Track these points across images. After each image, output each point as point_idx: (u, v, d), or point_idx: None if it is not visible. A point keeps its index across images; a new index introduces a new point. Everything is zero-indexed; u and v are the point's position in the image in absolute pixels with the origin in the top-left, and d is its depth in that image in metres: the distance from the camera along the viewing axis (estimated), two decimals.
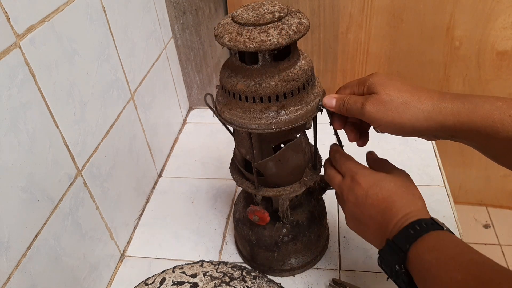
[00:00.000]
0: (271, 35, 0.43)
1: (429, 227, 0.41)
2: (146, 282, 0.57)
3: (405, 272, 0.41)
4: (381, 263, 0.45)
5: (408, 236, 0.41)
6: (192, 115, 1.02)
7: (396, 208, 0.44)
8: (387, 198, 0.45)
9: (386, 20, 1.02)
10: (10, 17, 0.44)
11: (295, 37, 0.44)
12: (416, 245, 0.40)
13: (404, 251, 0.41)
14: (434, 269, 0.38)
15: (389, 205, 0.45)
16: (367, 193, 0.46)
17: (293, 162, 0.54)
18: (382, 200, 0.45)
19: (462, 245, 0.39)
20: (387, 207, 0.45)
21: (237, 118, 0.48)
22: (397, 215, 0.44)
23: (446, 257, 0.38)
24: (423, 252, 0.39)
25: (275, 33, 0.43)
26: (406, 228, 0.42)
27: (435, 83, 1.11)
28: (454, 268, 0.36)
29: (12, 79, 0.44)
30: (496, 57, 1.03)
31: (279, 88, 0.46)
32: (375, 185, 0.46)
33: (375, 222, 0.46)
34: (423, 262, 0.39)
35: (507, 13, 0.96)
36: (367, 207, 0.46)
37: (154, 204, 0.80)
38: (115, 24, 0.65)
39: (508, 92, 1.09)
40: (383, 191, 0.45)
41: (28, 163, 0.47)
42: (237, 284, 0.56)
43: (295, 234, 0.61)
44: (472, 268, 0.36)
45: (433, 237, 0.40)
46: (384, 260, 0.44)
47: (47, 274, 0.51)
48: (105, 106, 0.63)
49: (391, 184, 0.46)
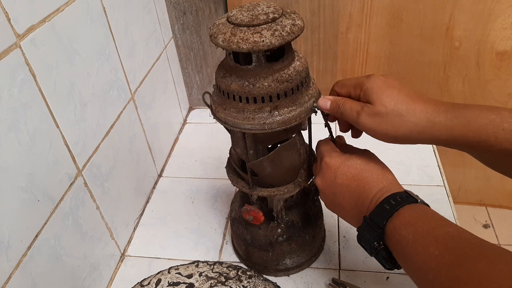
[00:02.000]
0: (264, 36, 0.43)
1: (404, 200, 0.41)
2: (142, 283, 0.57)
3: (384, 248, 0.42)
4: (360, 241, 0.45)
5: (384, 212, 0.41)
6: (192, 115, 1.02)
7: (369, 184, 0.45)
8: (356, 175, 0.46)
9: (385, 20, 1.02)
10: (11, 17, 0.44)
11: (288, 38, 0.44)
12: (392, 220, 0.40)
13: (381, 227, 0.41)
14: (411, 245, 0.38)
15: (360, 182, 0.45)
16: (335, 174, 0.47)
17: (288, 163, 0.54)
18: (352, 179, 0.46)
19: (437, 218, 0.39)
20: (358, 185, 0.45)
21: (231, 118, 0.48)
22: (371, 191, 0.44)
23: (422, 232, 0.38)
24: (399, 227, 0.39)
25: (268, 34, 0.43)
26: (381, 204, 0.42)
27: (435, 83, 1.11)
28: (430, 243, 0.36)
29: (13, 79, 0.44)
30: (496, 57, 1.03)
31: (272, 88, 0.46)
32: (343, 164, 0.47)
33: (350, 201, 0.46)
34: (400, 238, 0.39)
35: (507, 13, 0.96)
36: (338, 187, 0.47)
37: (154, 204, 0.80)
38: (115, 24, 0.65)
39: (508, 92, 1.09)
40: (351, 169, 0.46)
41: (29, 163, 0.47)
42: (232, 283, 0.56)
43: (289, 235, 0.61)
44: (449, 243, 0.36)
45: (408, 212, 0.40)
46: (363, 237, 0.44)
47: (48, 274, 0.51)
48: (105, 106, 0.63)
49: (358, 161, 0.47)
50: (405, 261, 0.39)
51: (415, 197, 0.42)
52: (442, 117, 0.42)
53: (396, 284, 0.62)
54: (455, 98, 1.12)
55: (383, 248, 0.42)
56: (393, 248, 0.41)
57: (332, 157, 0.49)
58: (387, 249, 0.42)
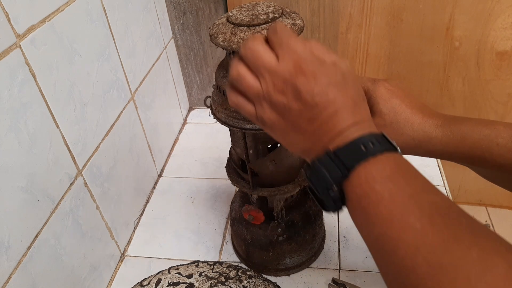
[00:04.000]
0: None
1: (384, 146, 0.33)
2: (142, 283, 0.57)
3: (340, 192, 0.33)
4: (309, 176, 0.35)
5: (358, 153, 0.32)
6: (192, 115, 1.02)
7: (342, 108, 0.34)
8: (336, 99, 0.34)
9: (385, 20, 1.02)
10: (11, 17, 0.44)
11: None
12: (366, 166, 0.31)
13: (348, 168, 0.32)
14: (385, 206, 0.30)
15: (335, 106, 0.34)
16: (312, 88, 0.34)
17: (288, 162, 0.54)
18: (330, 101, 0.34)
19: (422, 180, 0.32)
20: (332, 109, 0.34)
21: (231, 118, 0.48)
22: (344, 120, 0.34)
23: (403, 194, 0.30)
24: (374, 179, 0.31)
25: None
26: (356, 142, 0.33)
27: (435, 83, 1.11)
28: (412, 211, 0.29)
29: (13, 79, 0.44)
30: (496, 57, 1.03)
31: None
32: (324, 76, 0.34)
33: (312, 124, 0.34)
34: (371, 192, 0.31)
35: (507, 13, 0.96)
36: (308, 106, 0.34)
37: (154, 204, 0.80)
38: (115, 24, 0.65)
39: (508, 92, 1.09)
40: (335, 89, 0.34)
41: (29, 163, 0.47)
42: (232, 283, 0.56)
43: (290, 234, 0.61)
44: (435, 217, 0.28)
45: (389, 163, 0.32)
46: (318, 174, 0.34)
47: (48, 274, 0.51)
48: (105, 106, 0.63)
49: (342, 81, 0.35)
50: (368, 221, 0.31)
51: (395, 145, 0.34)
52: (438, 132, 0.42)
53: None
54: (455, 98, 1.12)
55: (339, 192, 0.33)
56: (355, 198, 0.32)
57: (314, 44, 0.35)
58: (342, 196, 0.33)
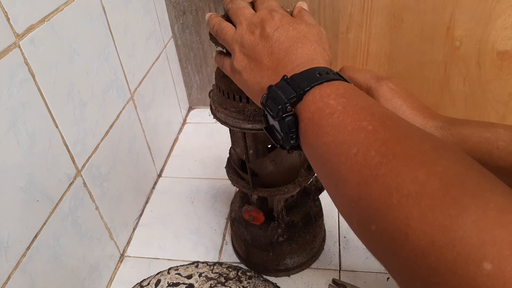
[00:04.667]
0: None
1: (338, 76, 0.35)
2: (141, 284, 0.57)
3: (293, 114, 0.35)
4: (265, 102, 0.37)
5: (313, 77, 0.35)
6: (192, 115, 1.02)
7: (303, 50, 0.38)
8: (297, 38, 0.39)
9: (386, 20, 1.02)
10: (10, 16, 0.43)
11: None
12: (321, 87, 0.34)
13: (303, 89, 0.34)
14: (338, 115, 0.32)
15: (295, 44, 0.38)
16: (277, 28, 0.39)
17: (288, 162, 0.54)
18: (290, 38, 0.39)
19: (376, 101, 0.35)
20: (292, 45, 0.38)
21: (231, 118, 0.48)
22: (302, 57, 0.37)
23: (356, 105, 0.32)
24: (328, 96, 0.33)
25: None
26: (312, 70, 0.35)
27: (435, 83, 1.11)
28: (364, 117, 0.31)
29: (12, 79, 0.44)
30: (497, 57, 1.03)
31: None
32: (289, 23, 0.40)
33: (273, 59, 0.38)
34: (325, 106, 0.33)
35: (508, 13, 0.96)
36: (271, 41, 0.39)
37: (154, 204, 0.79)
38: (115, 24, 0.65)
39: (508, 92, 1.09)
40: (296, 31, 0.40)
41: (28, 163, 0.47)
42: (232, 284, 0.56)
43: (290, 235, 0.61)
44: (387, 121, 0.30)
45: (343, 86, 0.34)
46: (274, 97, 0.36)
47: (47, 274, 0.51)
48: (104, 106, 0.63)
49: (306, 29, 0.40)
50: (321, 132, 0.33)
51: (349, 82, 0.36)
52: (439, 134, 0.42)
53: (397, 285, 0.61)
54: (455, 98, 1.12)
55: (292, 115, 0.35)
56: (308, 116, 0.34)
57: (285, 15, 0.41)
58: (295, 119, 0.35)
